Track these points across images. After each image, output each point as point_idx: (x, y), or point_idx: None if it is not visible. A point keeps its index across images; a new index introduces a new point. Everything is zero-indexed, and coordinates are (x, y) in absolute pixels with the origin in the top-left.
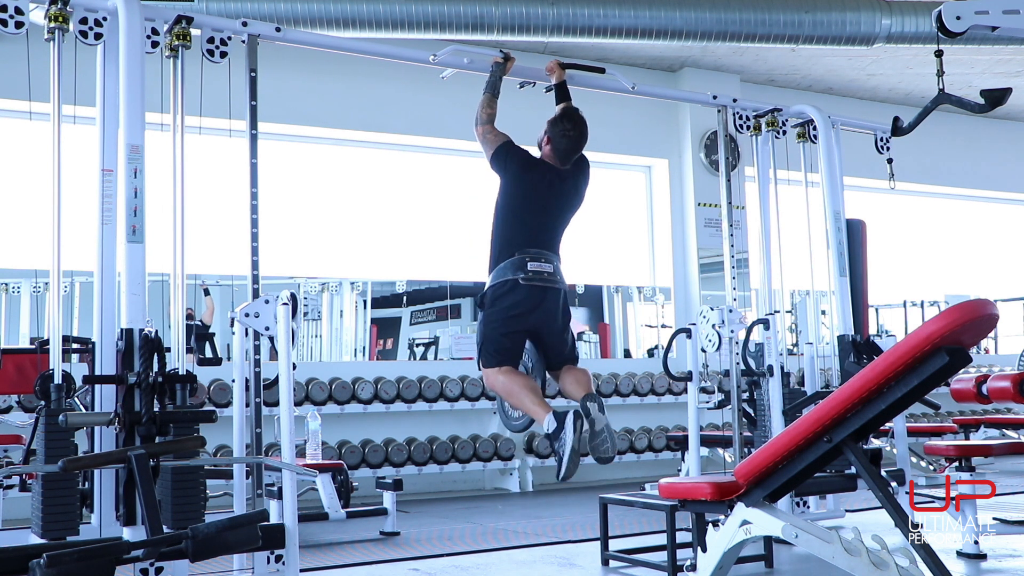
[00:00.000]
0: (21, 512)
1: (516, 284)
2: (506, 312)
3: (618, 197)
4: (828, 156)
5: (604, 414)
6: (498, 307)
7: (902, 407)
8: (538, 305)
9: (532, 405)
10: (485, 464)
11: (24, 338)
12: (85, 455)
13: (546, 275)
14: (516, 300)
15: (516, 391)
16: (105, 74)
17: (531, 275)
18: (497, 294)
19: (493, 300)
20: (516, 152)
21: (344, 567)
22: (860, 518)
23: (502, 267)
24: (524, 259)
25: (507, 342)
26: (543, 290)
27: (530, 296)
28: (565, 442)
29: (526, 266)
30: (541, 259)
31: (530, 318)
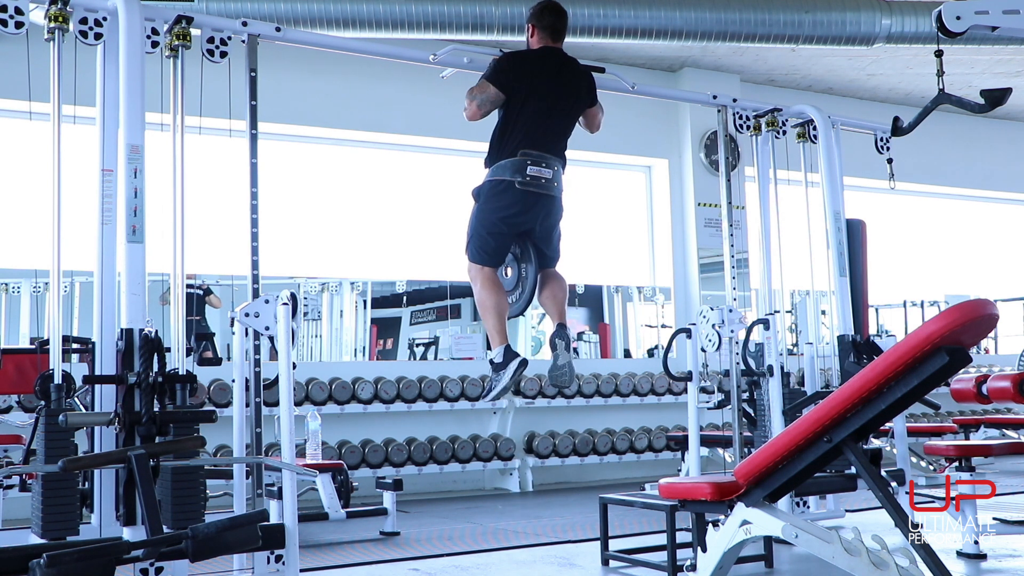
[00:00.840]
0: (21, 512)
1: (511, 186)
2: (496, 212)
3: (618, 197)
4: (828, 156)
5: (569, 352)
6: (490, 205)
7: (902, 407)
8: (530, 209)
9: (493, 328)
10: (485, 464)
11: (24, 338)
12: (85, 455)
13: (543, 180)
14: (508, 202)
15: (487, 306)
16: (105, 74)
17: (528, 180)
18: (492, 192)
19: (487, 197)
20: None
21: (344, 567)
22: (860, 518)
23: (501, 165)
24: (525, 161)
25: (493, 242)
26: (537, 196)
27: (523, 199)
28: (502, 379)
29: (525, 169)
30: (542, 163)
31: (518, 220)
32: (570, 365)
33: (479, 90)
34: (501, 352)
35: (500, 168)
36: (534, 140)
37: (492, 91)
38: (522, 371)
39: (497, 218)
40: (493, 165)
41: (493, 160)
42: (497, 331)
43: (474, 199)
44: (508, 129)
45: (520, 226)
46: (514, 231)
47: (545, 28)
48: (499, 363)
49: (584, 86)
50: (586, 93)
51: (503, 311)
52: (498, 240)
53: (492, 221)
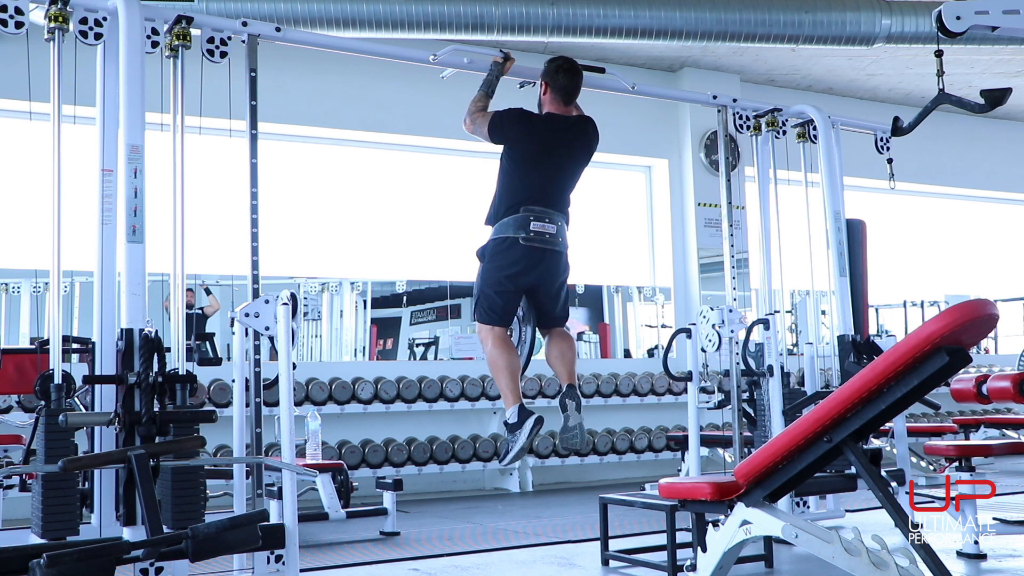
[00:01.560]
0: (21, 512)
1: (516, 243)
2: (502, 270)
3: (618, 197)
4: (828, 156)
5: (580, 413)
6: (495, 264)
7: (902, 407)
8: (535, 266)
9: (506, 388)
10: (485, 464)
11: (24, 338)
12: (85, 455)
13: (548, 236)
14: (514, 259)
15: (499, 366)
16: (105, 74)
17: (532, 236)
18: (496, 250)
19: (492, 256)
20: (511, 112)
21: (344, 567)
22: (860, 518)
23: (504, 222)
24: (528, 217)
25: (500, 300)
26: (543, 252)
27: (529, 256)
28: (518, 439)
29: (529, 225)
30: (545, 219)
31: (525, 278)
32: (581, 427)
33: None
34: (515, 412)
35: (503, 226)
36: (537, 197)
37: (485, 131)
38: (538, 430)
39: (503, 276)
40: (496, 223)
41: (495, 218)
42: (510, 391)
43: (479, 259)
44: (510, 187)
45: (526, 283)
46: (521, 288)
47: (558, 90)
48: (514, 423)
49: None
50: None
51: (515, 370)
52: (506, 299)
53: (499, 280)
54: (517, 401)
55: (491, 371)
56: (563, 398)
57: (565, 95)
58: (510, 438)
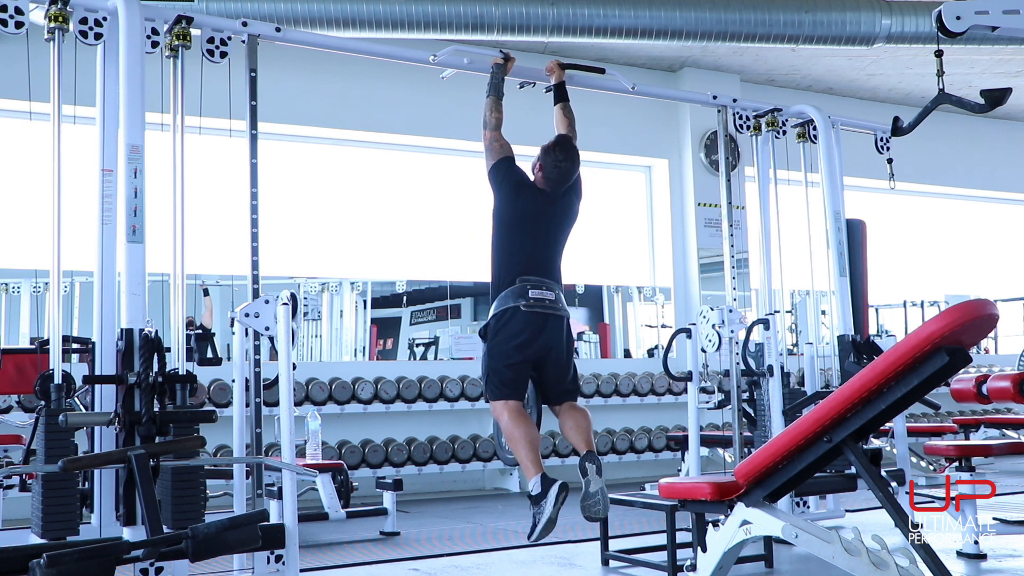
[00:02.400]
0: (21, 512)
1: (517, 311)
2: (509, 341)
3: (618, 197)
4: (828, 156)
5: (601, 476)
6: (501, 337)
7: (902, 407)
8: (540, 332)
9: (526, 459)
10: (485, 464)
11: (24, 338)
12: (85, 455)
13: (547, 302)
14: (518, 328)
15: (516, 437)
16: (105, 74)
17: (532, 302)
18: (499, 323)
19: (496, 330)
20: (513, 172)
21: (344, 567)
22: (860, 518)
23: (503, 295)
24: (525, 287)
25: (510, 373)
26: (545, 317)
27: (532, 323)
28: (544, 510)
29: (527, 294)
30: (542, 287)
31: (532, 346)
32: (603, 492)
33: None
34: (538, 482)
35: (502, 299)
36: (531, 267)
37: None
38: (564, 496)
39: (511, 347)
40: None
41: (495, 294)
42: (531, 461)
43: (482, 339)
44: (504, 260)
45: (534, 352)
46: (529, 358)
47: (547, 180)
48: (538, 494)
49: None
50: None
51: (534, 441)
52: (516, 371)
53: (506, 352)
54: (539, 471)
55: (509, 444)
56: (582, 462)
57: (553, 186)
58: (536, 510)
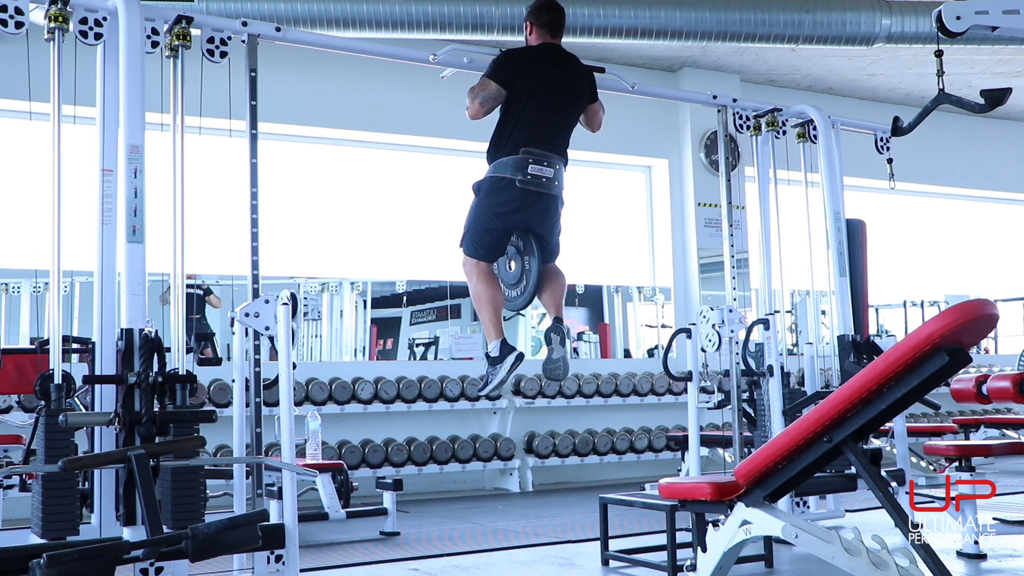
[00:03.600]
0: (21, 512)
1: (512, 184)
2: (495, 208)
3: (618, 197)
4: (828, 156)
5: (564, 346)
6: (489, 201)
7: (902, 407)
8: (528, 207)
9: (489, 322)
10: (485, 464)
11: (24, 338)
12: (85, 455)
13: (544, 180)
14: (507, 199)
15: (483, 300)
16: (105, 74)
17: (529, 178)
18: (491, 188)
19: (487, 193)
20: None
21: (344, 567)
22: (860, 518)
23: (503, 162)
24: (527, 160)
25: (489, 237)
26: (537, 195)
27: (523, 198)
28: (499, 372)
29: (527, 167)
30: (543, 162)
31: (516, 217)
32: (564, 359)
33: (480, 88)
34: (497, 346)
35: (501, 165)
36: (536, 138)
37: (493, 87)
38: (518, 365)
39: (495, 214)
40: (494, 161)
41: (494, 156)
42: (493, 325)
43: (474, 193)
44: (509, 126)
45: (519, 224)
46: (511, 228)
47: (543, 25)
48: (495, 357)
49: (585, 82)
50: (587, 88)
51: (499, 305)
52: (495, 236)
53: (490, 217)
54: (500, 335)
55: (475, 304)
56: (548, 331)
57: (551, 29)
58: (491, 370)
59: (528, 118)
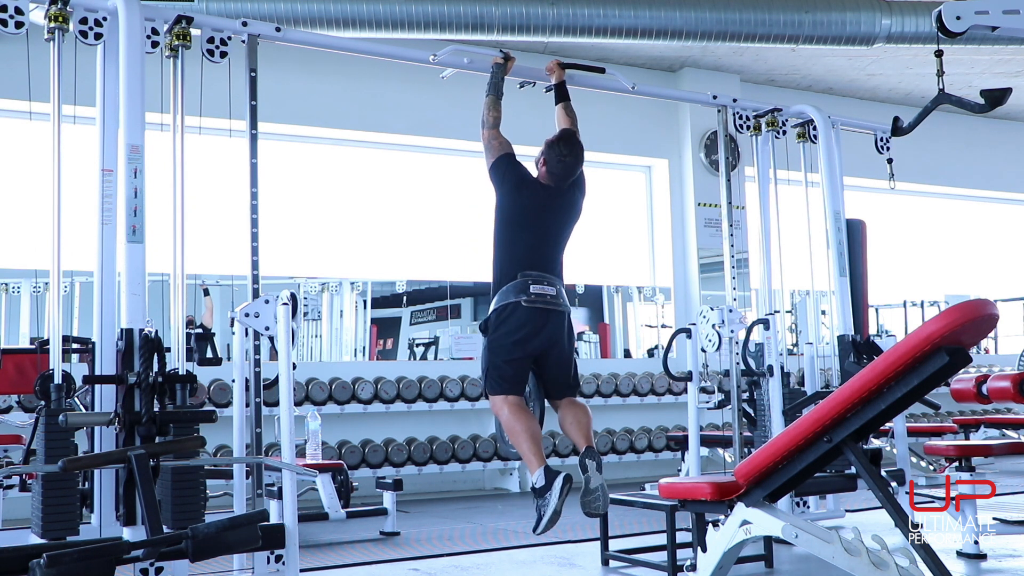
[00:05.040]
0: (21, 512)
1: (518, 306)
2: (509, 336)
3: (618, 197)
4: (828, 156)
5: (601, 473)
6: (501, 331)
7: (902, 407)
8: (541, 328)
9: (528, 452)
10: (485, 464)
11: (24, 338)
12: (85, 455)
13: (549, 298)
14: (519, 323)
15: (517, 431)
16: (105, 74)
17: (534, 298)
18: (500, 318)
19: (496, 325)
20: (515, 168)
21: (344, 567)
22: (860, 518)
23: (504, 290)
24: (527, 282)
25: (510, 369)
26: (546, 312)
27: (533, 319)
28: (549, 502)
29: (528, 289)
30: (543, 282)
31: (533, 342)
32: (603, 488)
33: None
34: (542, 474)
35: (503, 294)
36: (533, 262)
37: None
38: (568, 487)
39: (511, 343)
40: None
41: (496, 289)
42: (533, 454)
43: (482, 332)
44: (505, 255)
45: (535, 347)
46: (530, 354)
47: (551, 174)
48: (542, 486)
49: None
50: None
51: (536, 434)
52: (516, 367)
53: (506, 347)
54: (541, 464)
55: (510, 438)
56: (583, 459)
57: (558, 180)
58: (540, 503)
59: (524, 246)
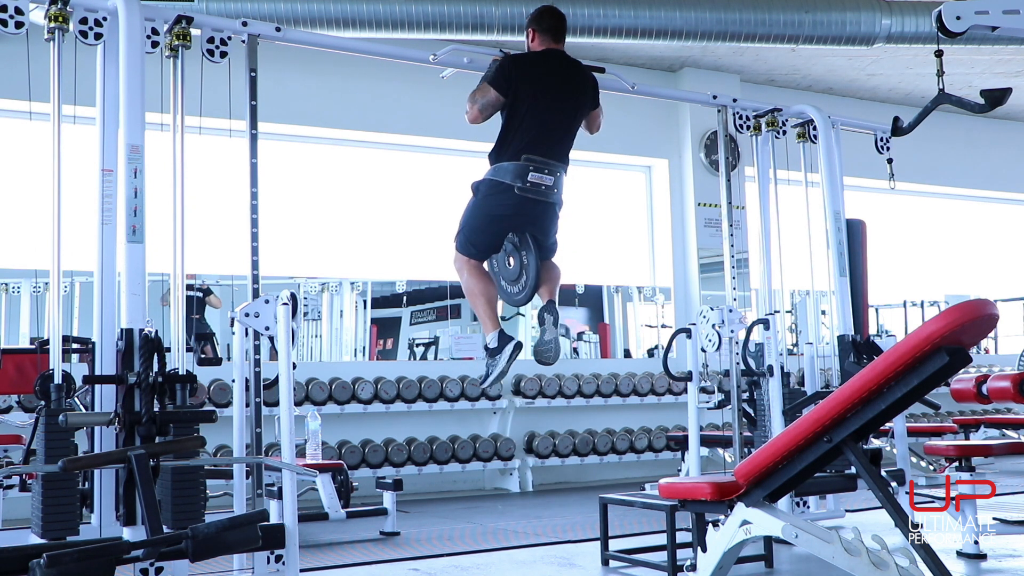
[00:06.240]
0: (21, 512)
1: (510, 190)
2: (491, 210)
3: (618, 197)
4: (828, 156)
5: (556, 327)
6: (486, 203)
7: (902, 407)
8: (525, 214)
9: (484, 315)
10: (485, 464)
11: (24, 338)
12: (85, 455)
13: (543, 188)
14: (504, 204)
15: (475, 293)
16: (105, 74)
17: (528, 186)
18: (490, 191)
19: (484, 196)
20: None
21: (344, 567)
22: (860, 518)
23: (503, 167)
24: (527, 167)
25: (482, 238)
26: (535, 203)
27: (519, 205)
28: (499, 363)
29: (527, 175)
30: (544, 169)
31: (513, 222)
32: (556, 341)
33: (480, 93)
34: (496, 337)
35: (501, 170)
36: (537, 144)
37: (492, 95)
38: (517, 353)
39: (491, 216)
40: (495, 164)
41: (496, 159)
42: (489, 317)
43: (472, 192)
44: (512, 130)
45: (511, 227)
46: (504, 231)
47: (546, 31)
48: (495, 348)
49: (589, 87)
50: (591, 94)
51: (493, 297)
52: (488, 237)
53: (486, 219)
54: (496, 327)
55: (468, 298)
56: (541, 312)
57: (554, 33)
58: (490, 362)
59: (530, 124)
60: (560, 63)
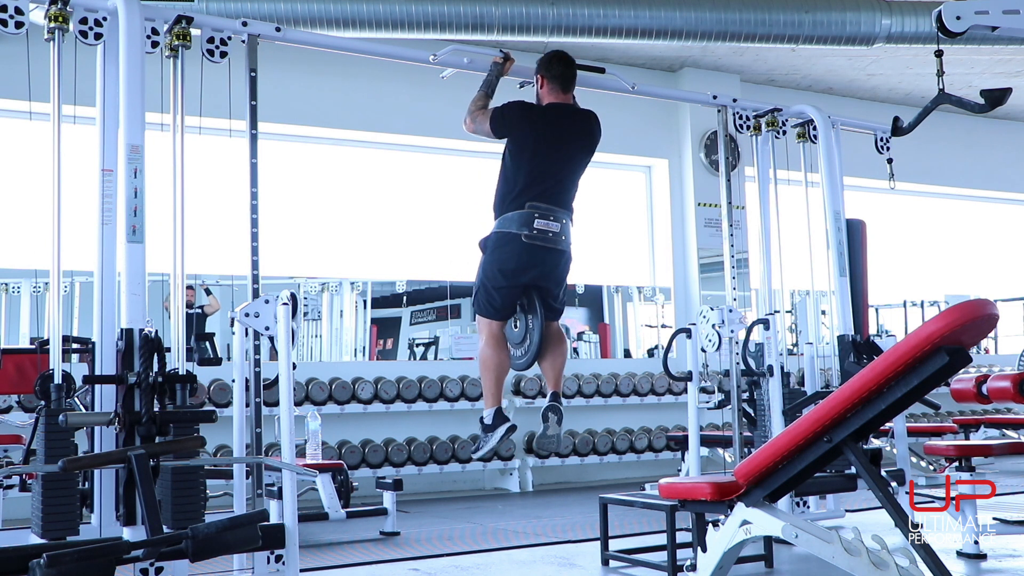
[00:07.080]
0: (21, 512)
1: (518, 240)
2: (502, 264)
3: (618, 197)
4: (828, 156)
5: (560, 426)
6: (496, 258)
7: (902, 407)
8: (535, 264)
9: (489, 388)
10: (485, 464)
11: (24, 338)
12: (85, 455)
13: (551, 235)
14: (514, 256)
15: (488, 364)
16: (105, 74)
17: (535, 234)
18: (497, 244)
19: (492, 250)
20: (512, 105)
21: (344, 567)
22: (860, 518)
23: (508, 217)
24: (532, 214)
25: (498, 297)
26: (545, 250)
27: (529, 254)
28: (489, 441)
29: (532, 223)
30: (550, 216)
31: (524, 276)
32: (559, 438)
33: (481, 117)
34: (492, 414)
35: (506, 220)
36: (542, 193)
37: (486, 128)
38: (509, 436)
39: (501, 271)
40: (500, 216)
41: (500, 211)
42: (492, 393)
43: (481, 250)
44: (515, 179)
45: (525, 280)
46: (519, 285)
47: (555, 78)
48: (489, 424)
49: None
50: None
51: (503, 373)
52: (504, 295)
53: (496, 274)
54: (496, 404)
55: (479, 367)
56: (546, 411)
57: (563, 83)
58: (483, 437)
59: (533, 173)
60: (567, 115)
